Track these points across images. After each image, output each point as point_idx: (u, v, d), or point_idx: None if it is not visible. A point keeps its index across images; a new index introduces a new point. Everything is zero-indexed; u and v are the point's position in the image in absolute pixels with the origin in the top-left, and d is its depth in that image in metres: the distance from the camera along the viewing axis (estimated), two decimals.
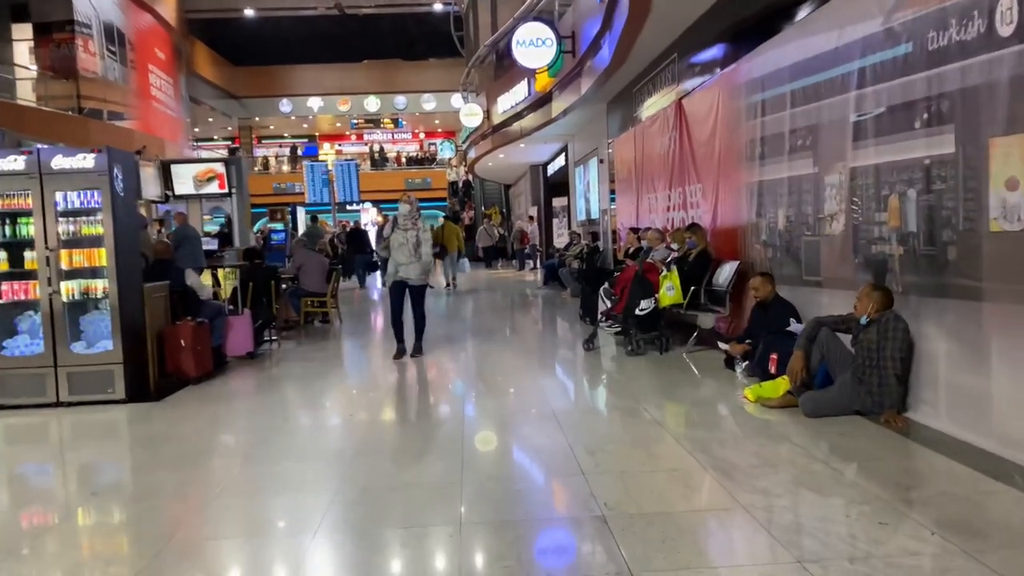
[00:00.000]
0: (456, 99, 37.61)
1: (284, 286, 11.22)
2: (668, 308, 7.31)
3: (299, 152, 43.89)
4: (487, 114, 20.40)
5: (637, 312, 7.05)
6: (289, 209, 22.06)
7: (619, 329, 8.11)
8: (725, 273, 7.41)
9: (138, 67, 24.14)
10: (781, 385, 5.18)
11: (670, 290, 7.20)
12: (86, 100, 20.77)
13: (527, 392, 6.21)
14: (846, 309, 5.33)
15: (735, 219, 7.62)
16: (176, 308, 7.22)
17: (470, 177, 33.83)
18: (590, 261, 9.83)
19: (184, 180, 13.01)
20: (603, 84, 12.34)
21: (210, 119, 39.67)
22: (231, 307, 8.17)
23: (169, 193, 13.05)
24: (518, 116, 17.85)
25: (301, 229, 20.31)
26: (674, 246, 8.42)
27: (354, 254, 18.66)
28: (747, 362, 6.13)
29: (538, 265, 22.81)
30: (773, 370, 5.50)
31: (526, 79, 16.72)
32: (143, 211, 12.88)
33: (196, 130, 42.50)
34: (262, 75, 39.59)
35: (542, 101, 15.93)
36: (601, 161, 14.42)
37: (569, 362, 7.69)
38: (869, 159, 5.06)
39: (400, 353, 7.66)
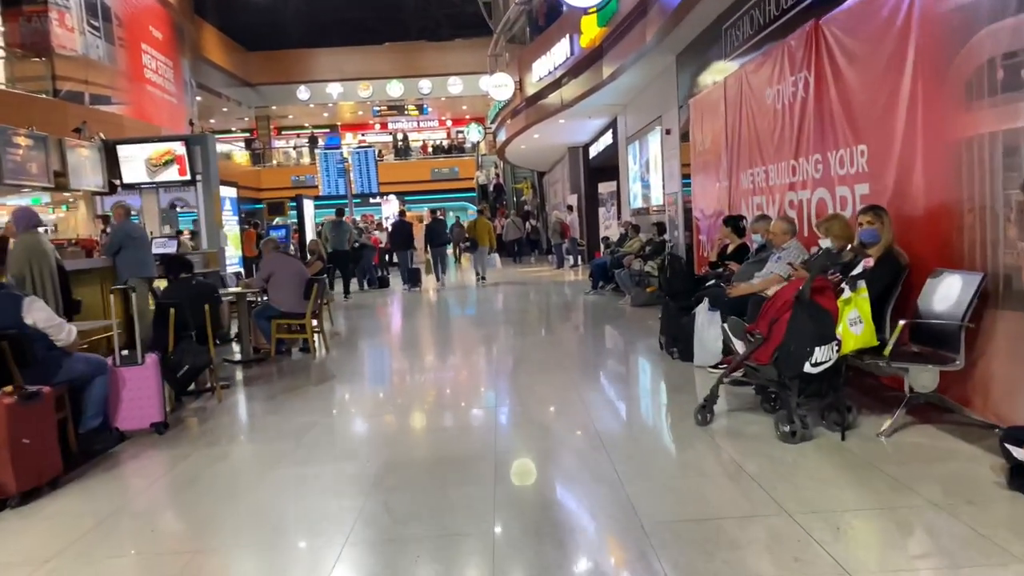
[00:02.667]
0: (484, 81, 34.57)
1: (253, 302, 8.31)
2: (850, 355, 4.18)
3: (320, 142, 41.21)
4: (519, 85, 17.30)
5: (809, 368, 3.91)
6: (291, 203, 19.23)
7: (743, 376, 4.98)
8: (949, 293, 4.23)
9: (128, 46, 21.50)
10: None
11: (856, 324, 4.05)
12: (63, 81, 18.23)
13: (612, 558, 3.12)
14: None
15: (953, 198, 4.45)
16: (9, 366, 4.29)
17: (501, 180, 30.60)
18: (674, 266, 6.71)
19: (135, 165, 10.13)
20: (677, 24, 9.20)
21: (224, 109, 37.08)
22: (125, 352, 5.20)
23: (116, 182, 10.19)
24: (557, 84, 14.73)
25: (309, 227, 17.38)
26: (825, 243, 5.27)
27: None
28: None
29: (579, 262, 19.75)
30: None
31: (568, 35, 13.60)
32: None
33: (212, 121, 40.17)
34: (278, 60, 36.91)
35: (589, 61, 12.80)
36: (668, 132, 11.27)
37: (678, 458, 4.39)
38: None
39: None
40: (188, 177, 10.09)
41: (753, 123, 7.66)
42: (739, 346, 4.41)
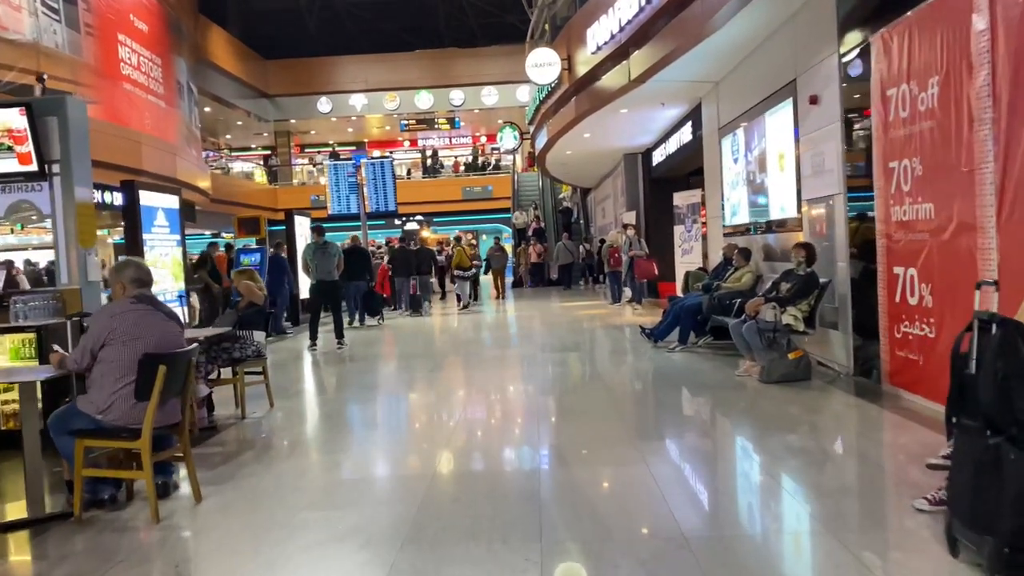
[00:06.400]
0: (523, 92, 30.79)
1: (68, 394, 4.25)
2: None
3: (341, 158, 37.61)
4: (567, 64, 13.17)
5: None
6: (271, 226, 15.43)
7: None
8: None
9: (99, 35, 17.93)
10: None
11: None
12: (5, 70, 14.65)
13: None
14: None
15: None
16: None
17: (543, 224, 26.63)
18: (1014, 346, 2.60)
19: None
20: None
21: (239, 122, 33.64)
22: None
23: None
24: (621, 54, 10.58)
25: (299, 247, 13.45)
26: None
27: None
28: None
29: (640, 299, 14.86)
30: None
31: None
32: None
33: (228, 137, 36.90)
34: (296, 69, 33.44)
35: (672, 7, 8.64)
36: (813, 100, 7.02)
37: None
38: None
39: None
40: (35, 168, 6.12)
41: None
42: None
